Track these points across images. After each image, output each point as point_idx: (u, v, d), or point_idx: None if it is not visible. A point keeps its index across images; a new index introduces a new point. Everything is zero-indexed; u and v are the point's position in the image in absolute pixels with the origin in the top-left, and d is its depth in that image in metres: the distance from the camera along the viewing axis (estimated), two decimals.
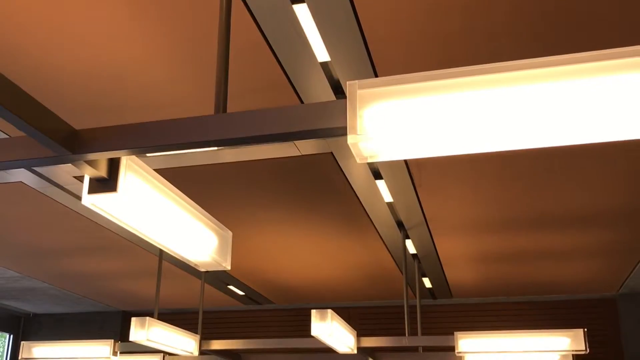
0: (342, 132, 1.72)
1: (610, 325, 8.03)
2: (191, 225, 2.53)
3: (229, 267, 2.90)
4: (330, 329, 4.60)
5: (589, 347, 7.80)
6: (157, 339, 5.18)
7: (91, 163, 1.98)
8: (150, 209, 2.22)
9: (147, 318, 5.03)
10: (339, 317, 4.84)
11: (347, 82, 1.68)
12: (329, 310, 4.61)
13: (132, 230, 2.34)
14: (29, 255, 6.72)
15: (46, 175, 4.60)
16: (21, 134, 3.81)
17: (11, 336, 9.90)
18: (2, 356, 9.87)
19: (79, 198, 5.09)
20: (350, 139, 1.66)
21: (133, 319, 5.03)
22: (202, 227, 2.62)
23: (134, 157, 2.11)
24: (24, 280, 7.87)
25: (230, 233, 2.90)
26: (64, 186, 4.82)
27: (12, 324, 9.80)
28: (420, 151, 1.73)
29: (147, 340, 5.06)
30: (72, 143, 1.93)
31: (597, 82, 1.53)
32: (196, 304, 9.00)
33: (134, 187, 2.13)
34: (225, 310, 9.34)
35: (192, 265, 2.84)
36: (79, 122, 3.72)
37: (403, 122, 1.66)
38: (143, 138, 1.90)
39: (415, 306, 8.23)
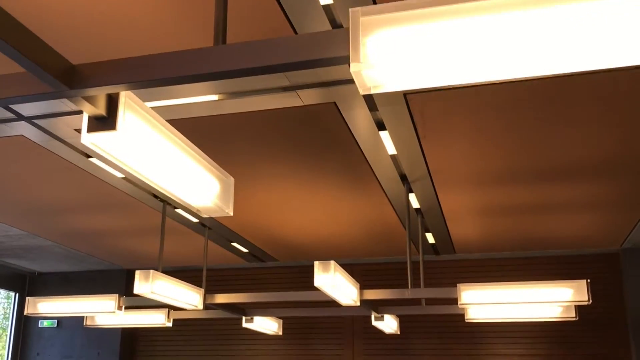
0: (344, 60, 1.67)
1: (613, 280, 8.07)
2: (193, 168, 2.50)
3: (231, 213, 2.88)
4: (333, 281, 4.61)
5: (592, 301, 7.85)
6: (161, 291, 5.21)
7: (89, 99, 1.94)
8: (151, 149, 2.18)
9: (151, 271, 5.05)
10: (342, 269, 4.84)
11: (350, 9, 1.64)
12: (332, 262, 4.61)
13: (132, 172, 2.31)
14: (31, 212, 6.72)
15: (47, 128, 4.57)
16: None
17: (17, 295, 9.99)
18: (7, 317, 9.98)
19: (81, 152, 5.06)
20: (353, 67, 1.62)
21: (137, 272, 5.05)
22: (203, 171, 2.60)
23: (133, 95, 2.07)
24: (28, 238, 7.91)
25: (232, 179, 2.88)
26: (66, 139, 4.79)
27: (17, 282, 9.88)
28: (425, 80, 1.69)
29: (152, 293, 5.08)
30: (69, 78, 1.89)
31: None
32: (200, 262, 9.04)
33: (134, 126, 2.10)
34: (229, 268, 9.40)
35: (194, 210, 2.83)
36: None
37: (407, 50, 1.62)
38: (142, 72, 1.86)
39: (418, 262, 8.27)
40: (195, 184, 2.50)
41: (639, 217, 6.61)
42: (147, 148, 2.16)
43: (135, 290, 5.04)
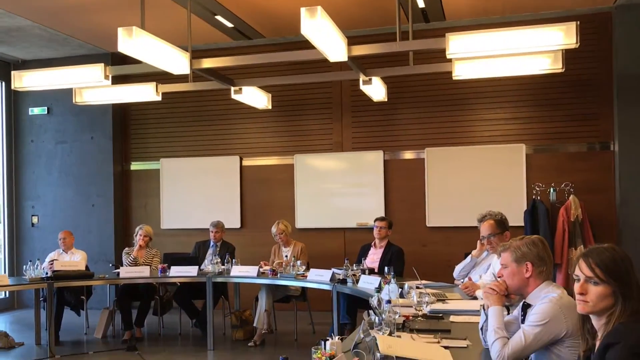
0: None
1: (603, 41, 8.01)
2: None
3: None
4: (320, 26, 4.51)
5: (580, 63, 7.86)
6: (146, 50, 5.10)
7: None
8: None
9: (134, 27, 4.91)
10: (329, 18, 4.71)
11: None
12: (319, 7, 4.47)
13: None
14: None
15: None
16: None
17: (3, 83, 9.90)
18: None
19: None
20: None
21: (120, 29, 4.90)
22: None
23: None
24: (6, 18, 7.65)
25: None
26: None
27: (1, 71, 9.74)
28: None
29: (135, 51, 4.98)
30: None
31: None
32: (184, 41, 8.83)
33: None
34: (215, 48, 9.22)
35: None
36: None
37: None
38: None
39: (407, 32, 8.10)
40: None
41: None
42: None
43: (119, 48, 4.93)
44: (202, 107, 9.51)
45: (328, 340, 2.84)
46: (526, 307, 3.04)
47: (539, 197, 7.95)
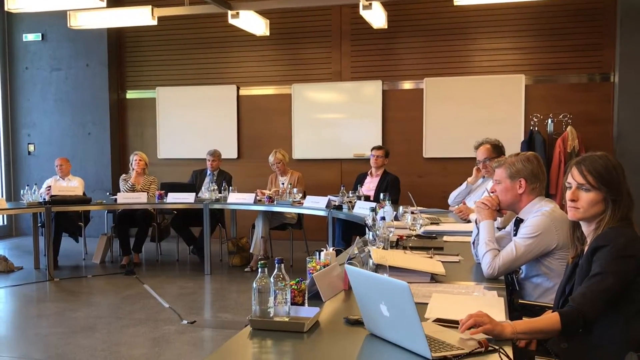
0: None
1: None
2: None
3: None
4: None
5: None
6: None
7: None
8: None
9: None
10: None
11: None
12: None
13: None
14: None
15: None
16: None
17: None
18: None
19: None
20: None
21: None
22: None
23: None
24: None
25: None
26: None
27: None
28: None
29: None
30: None
31: None
32: None
33: None
34: None
35: None
36: None
37: None
38: None
39: None
40: None
41: None
42: None
43: None
44: (199, 34, 9.35)
45: (322, 250, 2.87)
46: (519, 222, 3.06)
47: (536, 128, 7.92)
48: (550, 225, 2.84)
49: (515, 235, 3.03)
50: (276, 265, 2.16)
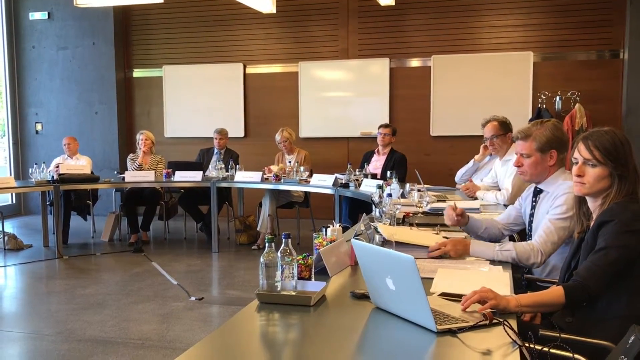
0: None
1: None
2: None
3: None
4: None
5: None
6: None
7: None
8: None
9: None
10: None
11: None
12: None
13: None
14: None
15: None
16: None
17: None
18: None
19: None
20: None
21: None
22: None
23: None
24: None
25: None
26: None
27: None
28: None
29: None
30: None
31: None
32: None
33: None
34: None
35: None
36: None
37: None
38: None
39: None
40: None
41: None
42: None
43: None
44: (206, 12, 9.31)
45: (329, 227, 2.88)
46: (538, 192, 3.03)
47: (544, 106, 7.88)
48: None
49: (533, 206, 3.00)
50: (283, 240, 2.17)
